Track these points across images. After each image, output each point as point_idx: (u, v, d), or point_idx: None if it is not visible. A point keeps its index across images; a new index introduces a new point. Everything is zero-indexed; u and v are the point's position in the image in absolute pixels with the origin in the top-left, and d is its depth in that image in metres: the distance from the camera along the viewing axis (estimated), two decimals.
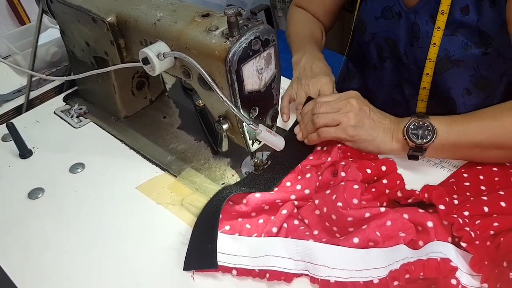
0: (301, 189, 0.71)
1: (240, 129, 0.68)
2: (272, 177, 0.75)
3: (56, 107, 0.97)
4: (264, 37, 0.61)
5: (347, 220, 0.63)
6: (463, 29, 0.82)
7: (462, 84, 0.89)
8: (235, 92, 0.62)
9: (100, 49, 0.81)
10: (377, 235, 0.60)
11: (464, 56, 0.84)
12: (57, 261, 0.67)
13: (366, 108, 0.75)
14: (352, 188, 0.66)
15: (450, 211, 0.62)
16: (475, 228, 0.60)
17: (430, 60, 0.86)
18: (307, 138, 0.78)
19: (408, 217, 0.62)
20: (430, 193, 0.64)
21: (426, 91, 0.91)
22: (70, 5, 0.80)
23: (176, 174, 0.78)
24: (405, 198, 0.66)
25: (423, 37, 0.86)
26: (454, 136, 0.70)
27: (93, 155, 0.84)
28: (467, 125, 0.70)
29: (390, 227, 0.61)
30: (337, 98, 0.78)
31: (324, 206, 0.66)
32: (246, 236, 0.65)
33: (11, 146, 0.85)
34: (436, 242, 0.60)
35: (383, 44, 0.95)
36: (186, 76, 0.67)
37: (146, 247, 0.67)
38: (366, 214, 0.62)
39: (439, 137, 0.70)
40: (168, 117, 0.93)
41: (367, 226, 0.61)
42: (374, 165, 0.71)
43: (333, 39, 2.28)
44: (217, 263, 0.60)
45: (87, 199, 0.76)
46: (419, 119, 0.71)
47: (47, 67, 1.12)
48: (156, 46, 0.65)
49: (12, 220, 0.73)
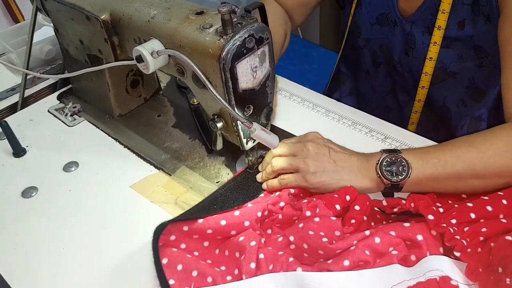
0: (240, 220, 0.64)
1: (234, 127, 0.68)
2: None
3: (50, 105, 0.97)
4: (258, 35, 0.60)
5: (336, 252, 0.60)
6: (458, 42, 0.82)
7: (458, 95, 0.89)
8: (229, 90, 0.62)
9: (94, 47, 0.81)
10: (366, 254, 0.58)
11: (460, 69, 0.83)
12: (50, 260, 0.66)
13: (325, 150, 0.69)
14: (331, 220, 0.62)
15: (439, 220, 0.60)
16: (464, 236, 0.59)
17: (427, 74, 0.86)
18: (267, 184, 0.72)
19: (396, 234, 0.60)
20: (416, 203, 0.62)
21: (421, 103, 0.91)
22: (64, 3, 0.80)
23: (170, 173, 0.78)
24: (391, 207, 0.64)
25: (418, 48, 0.86)
26: (430, 169, 0.64)
27: (87, 153, 0.84)
28: (442, 156, 0.65)
29: (380, 244, 0.58)
30: (295, 141, 0.73)
31: (302, 242, 0.61)
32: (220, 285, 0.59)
33: (4, 145, 0.85)
34: (430, 257, 0.58)
35: (377, 50, 0.95)
36: (180, 74, 0.67)
37: (140, 245, 0.67)
38: (354, 241, 0.59)
39: (414, 171, 0.64)
40: (162, 116, 0.93)
41: (355, 247, 0.58)
42: (339, 197, 0.66)
43: (330, 38, 2.29)
44: None
45: (81, 197, 0.76)
46: (391, 155, 0.66)
47: (41, 65, 1.11)
48: (150, 44, 0.65)
49: (5, 219, 0.73)
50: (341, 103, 0.92)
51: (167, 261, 0.60)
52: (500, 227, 0.60)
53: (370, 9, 0.92)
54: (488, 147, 0.64)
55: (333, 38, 2.27)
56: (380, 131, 0.83)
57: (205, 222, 0.62)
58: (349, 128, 0.85)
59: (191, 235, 0.63)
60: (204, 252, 0.64)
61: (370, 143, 0.81)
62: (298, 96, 0.94)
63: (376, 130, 0.83)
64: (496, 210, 0.61)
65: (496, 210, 0.61)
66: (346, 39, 1.02)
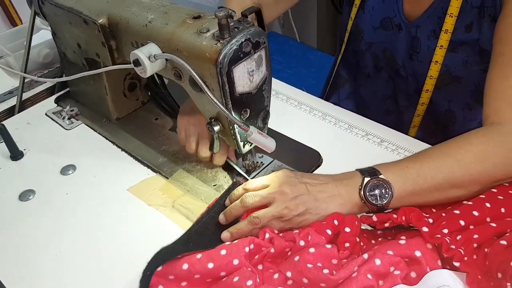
0: (228, 259, 0.59)
1: (232, 131, 0.68)
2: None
3: (47, 108, 0.97)
4: (255, 39, 0.61)
5: (338, 283, 0.58)
6: (464, 46, 0.81)
7: (463, 99, 0.88)
8: (226, 94, 0.62)
9: (91, 51, 0.81)
10: (369, 279, 0.56)
11: (465, 74, 0.83)
12: (48, 262, 0.67)
13: (302, 187, 0.65)
14: (326, 248, 0.60)
15: (433, 232, 0.60)
16: (458, 245, 0.58)
17: (431, 77, 0.86)
18: (235, 230, 0.65)
19: (393, 252, 0.59)
20: (408, 216, 0.61)
21: (424, 106, 0.91)
22: (61, 7, 0.80)
23: (167, 176, 0.78)
24: (381, 222, 0.63)
25: (423, 52, 0.86)
26: (411, 185, 0.63)
27: (85, 156, 0.84)
28: (421, 170, 0.64)
29: (381, 266, 0.57)
30: (267, 189, 0.66)
31: (302, 277, 0.58)
32: None
33: (2, 148, 0.85)
34: (432, 272, 0.57)
35: (380, 54, 0.94)
36: (177, 78, 0.67)
37: (137, 248, 0.67)
38: (355, 267, 0.58)
39: (397, 190, 0.63)
40: (160, 119, 0.93)
41: (357, 273, 0.56)
42: (327, 223, 0.63)
43: (327, 42, 2.30)
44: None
45: (78, 201, 0.76)
46: (374, 179, 0.64)
47: (38, 69, 1.11)
48: (147, 48, 0.65)
49: (3, 222, 0.73)
50: (337, 107, 0.93)
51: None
52: (491, 232, 0.60)
53: (374, 13, 0.91)
54: (463, 155, 0.64)
55: (330, 41, 2.28)
56: (376, 135, 0.83)
57: (191, 268, 0.58)
58: (346, 132, 0.85)
59: (179, 282, 0.60)
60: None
61: (366, 146, 0.81)
62: (295, 100, 0.94)
63: (373, 133, 0.84)
64: (482, 214, 0.61)
65: (482, 214, 0.61)
66: (347, 43, 1.02)
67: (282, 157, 0.80)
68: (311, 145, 0.82)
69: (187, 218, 0.70)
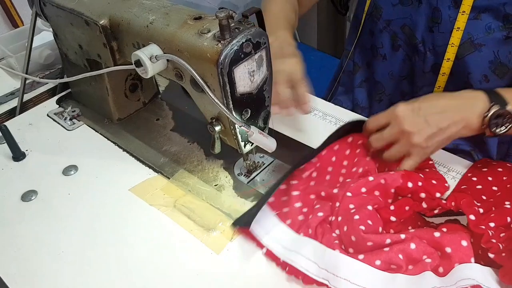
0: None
1: (233, 131, 0.68)
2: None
3: (49, 109, 0.97)
4: (255, 39, 0.61)
5: (367, 244, 0.61)
6: (488, 12, 0.80)
7: (482, 70, 0.87)
8: (227, 94, 0.62)
9: (93, 52, 0.81)
10: (399, 258, 0.58)
11: (487, 40, 0.82)
12: (50, 263, 0.67)
13: (421, 121, 0.69)
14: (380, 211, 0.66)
15: (479, 221, 0.60)
16: (500, 241, 0.58)
17: (453, 45, 0.85)
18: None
19: (427, 243, 0.60)
20: (458, 202, 0.62)
21: (445, 77, 0.90)
22: (63, 8, 0.80)
23: (169, 176, 0.79)
24: (431, 210, 0.65)
25: (445, 22, 0.85)
26: None
27: (86, 157, 0.84)
28: None
29: (415, 251, 0.59)
30: (388, 130, 0.72)
31: (344, 225, 0.64)
32: (285, 225, 0.67)
33: (4, 149, 0.85)
34: (461, 266, 0.58)
35: (398, 31, 0.94)
36: (178, 79, 0.68)
37: (139, 249, 0.68)
38: (387, 240, 0.60)
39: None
40: (161, 119, 0.93)
41: (389, 249, 0.59)
42: (423, 183, 0.68)
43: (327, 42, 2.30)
44: (250, 225, 0.64)
45: (80, 201, 0.76)
46: (500, 109, 0.67)
47: (40, 70, 1.12)
48: (149, 48, 0.65)
49: (5, 223, 0.73)
50: (337, 107, 0.93)
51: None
52: None
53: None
54: None
55: (331, 42, 2.28)
56: None
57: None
58: None
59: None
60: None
61: None
62: None
63: None
64: None
65: None
66: (363, 24, 1.01)
67: (283, 157, 0.80)
68: (311, 145, 0.82)
69: (189, 218, 0.71)
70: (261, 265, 0.64)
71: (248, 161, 0.77)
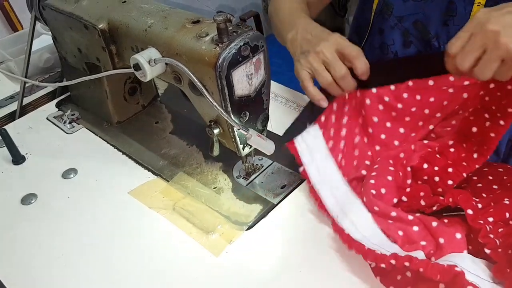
0: None
1: (231, 133, 0.69)
2: None
3: (48, 113, 0.98)
4: (253, 43, 0.62)
5: (374, 208, 0.64)
6: (503, 2, 0.81)
7: None
8: (226, 97, 0.63)
9: (92, 55, 0.82)
10: (398, 235, 0.61)
11: None
12: (50, 266, 0.67)
13: (509, 18, 0.62)
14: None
15: (477, 216, 0.60)
16: (498, 236, 0.58)
17: None
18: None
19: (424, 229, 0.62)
20: (455, 197, 0.62)
21: None
22: (62, 12, 0.81)
23: (168, 179, 0.79)
24: (429, 207, 0.65)
25: (460, 15, 0.84)
26: None
27: (86, 160, 0.85)
28: None
29: (416, 233, 0.60)
30: (477, 39, 0.62)
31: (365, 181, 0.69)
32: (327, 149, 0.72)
33: (4, 152, 0.86)
34: (451, 254, 0.58)
35: (410, 27, 0.92)
36: (177, 82, 0.68)
37: (138, 251, 0.68)
38: (393, 213, 0.62)
39: None
40: (160, 122, 0.93)
41: (392, 222, 0.63)
42: (439, 168, 0.71)
43: None
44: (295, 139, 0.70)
45: (79, 204, 0.76)
46: None
47: (39, 73, 1.12)
48: (147, 52, 0.66)
49: (5, 226, 0.74)
50: None
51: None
52: None
53: None
54: None
55: None
56: None
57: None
58: None
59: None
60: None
61: None
62: (294, 102, 0.95)
63: None
64: None
65: None
66: (372, 23, 1.01)
67: (281, 159, 0.80)
68: None
69: (188, 221, 0.71)
70: (260, 267, 0.64)
71: (246, 163, 0.77)
